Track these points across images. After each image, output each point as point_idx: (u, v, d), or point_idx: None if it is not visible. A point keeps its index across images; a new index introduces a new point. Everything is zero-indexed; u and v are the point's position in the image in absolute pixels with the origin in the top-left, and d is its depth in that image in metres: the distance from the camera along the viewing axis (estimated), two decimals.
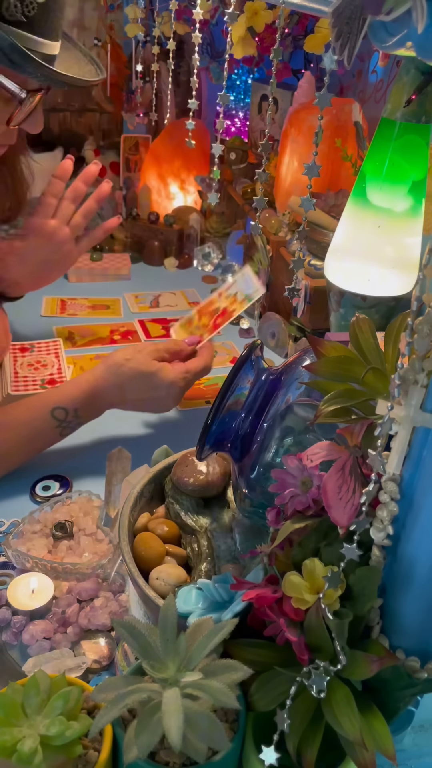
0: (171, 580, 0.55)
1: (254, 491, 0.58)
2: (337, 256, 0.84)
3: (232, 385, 0.57)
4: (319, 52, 1.02)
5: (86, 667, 0.63)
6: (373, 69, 1.24)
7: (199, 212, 1.54)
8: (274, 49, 0.46)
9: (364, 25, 0.33)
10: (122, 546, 0.57)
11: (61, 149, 1.64)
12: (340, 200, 1.05)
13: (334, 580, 0.42)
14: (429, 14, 0.30)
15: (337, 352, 0.49)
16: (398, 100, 0.73)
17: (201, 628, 0.46)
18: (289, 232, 1.17)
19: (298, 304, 1.06)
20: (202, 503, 0.64)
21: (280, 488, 0.49)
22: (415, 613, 0.45)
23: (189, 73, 1.58)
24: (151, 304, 1.34)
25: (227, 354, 1.19)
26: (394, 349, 0.48)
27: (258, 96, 1.49)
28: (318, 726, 0.43)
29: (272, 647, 0.46)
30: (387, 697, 0.45)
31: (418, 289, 0.36)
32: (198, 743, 0.41)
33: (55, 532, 0.74)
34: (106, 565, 0.71)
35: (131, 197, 1.58)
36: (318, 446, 0.47)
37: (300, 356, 0.59)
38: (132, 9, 1.36)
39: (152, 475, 0.65)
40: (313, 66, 1.38)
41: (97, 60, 0.88)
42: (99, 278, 1.40)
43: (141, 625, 0.45)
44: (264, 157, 0.52)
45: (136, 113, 1.63)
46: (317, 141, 0.42)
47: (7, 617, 0.67)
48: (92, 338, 1.21)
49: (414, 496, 0.42)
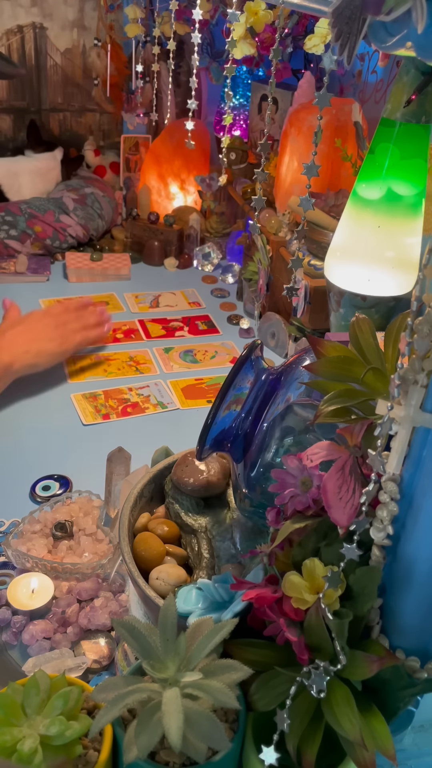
0: (171, 580, 0.55)
1: (254, 491, 0.58)
2: (337, 256, 0.84)
3: (232, 385, 0.57)
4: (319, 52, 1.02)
5: (86, 667, 0.63)
6: (373, 69, 1.24)
7: (199, 212, 1.54)
8: (273, 49, 0.46)
9: (364, 25, 0.33)
10: (122, 546, 0.57)
11: (61, 149, 1.64)
12: (340, 200, 1.05)
13: (334, 580, 0.42)
14: (429, 14, 0.30)
15: (337, 352, 0.49)
16: (398, 100, 0.73)
17: (201, 628, 0.46)
18: (289, 232, 1.17)
19: (298, 304, 1.06)
20: (202, 503, 0.64)
21: (280, 488, 0.49)
22: (415, 613, 0.45)
23: (189, 73, 1.58)
24: (151, 304, 1.34)
25: (227, 354, 1.19)
26: (394, 349, 0.48)
27: (258, 96, 1.49)
28: (318, 726, 0.43)
29: (272, 647, 0.46)
30: (387, 697, 0.45)
31: (418, 289, 0.36)
32: (198, 743, 0.41)
33: (55, 532, 0.74)
34: (106, 565, 0.71)
35: (131, 197, 1.58)
36: (318, 446, 0.47)
37: (300, 356, 0.59)
38: (132, 9, 1.36)
39: (152, 475, 0.65)
40: (313, 66, 1.38)
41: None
42: (99, 278, 1.40)
43: (141, 625, 0.45)
44: (263, 157, 0.53)
45: (136, 113, 1.63)
46: (316, 141, 0.42)
47: (7, 617, 0.67)
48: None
49: (414, 496, 0.42)
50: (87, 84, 1.68)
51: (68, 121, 1.72)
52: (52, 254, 1.46)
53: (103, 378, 1.10)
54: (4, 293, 1.25)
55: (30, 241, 1.42)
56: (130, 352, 1.17)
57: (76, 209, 1.48)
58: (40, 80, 1.65)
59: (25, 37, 1.59)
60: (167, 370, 1.14)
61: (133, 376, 1.11)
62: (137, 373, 1.12)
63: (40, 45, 1.61)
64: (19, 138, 1.67)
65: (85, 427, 0.98)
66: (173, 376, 1.12)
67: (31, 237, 1.43)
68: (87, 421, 0.99)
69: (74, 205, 1.48)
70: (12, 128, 1.66)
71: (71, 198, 1.49)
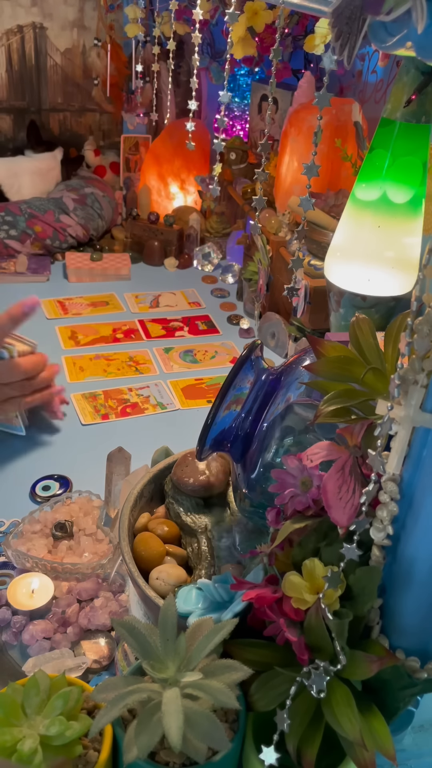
0: (171, 580, 0.55)
1: (254, 491, 0.58)
2: (337, 256, 0.84)
3: (232, 385, 0.57)
4: (319, 52, 1.02)
5: (86, 667, 0.63)
6: (373, 69, 1.24)
7: (199, 212, 1.54)
8: (274, 49, 0.46)
9: (364, 25, 0.33)
10: (122, 546, 0.57)
11: (61, 149, 1.64)
12: (340, 200, 1.05)
13: (334, 580, 0.42)
14: (429, 14, 0.30)
15: (337, 352, 0.49)
16: (398, 100, 0.73)
17: (201, 628, 0.46)
18: (289, 232, 1.17)
19: (298, 304, 1.06)
20: (202, 503, 0.64)
21: (280, 488, 0.49)
22: (415, 613, 0.45)
23: (189, 73, 1.58)
24: (151, 304, 1.34)
25: (227, 354, 1.19)
26: (394, 349, 0.48)
27: (258, 96, 1.49)
28: (318, 726, 0.43)
29: (272, 647, 0.46)
30: (387, 697, 0.45)
31: (418, 289, 0.36)
32: (198, 743, 0.41)
33: (55, 532, 0.74)
34: (106, 565, 0.71)
35: (131, 197, 1.58)
36: (318, 446, 0.47)
37: (300, 356, 0.59)
38: (132, 9, 1.36)
39: (152, 475, 0.65)
40: (313, 66, 1.38)
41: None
42: (99, 278, 1.40)
43: (141, 625, 0.45)
44: (264, 157, 0.53)
45: (136, 113, 1.63)
46: (316, 141, 0.42)
47: (7, 617, 0.67)
48: (95, 337, 1.21)
49: (414, 496, 0.42)
50: (87, 84, 1.68)
51: (68, 121, 1.72)
52: (52, 254, 1.46)
53: (102, 378, 1.10)
54: (4, 293, 1.25)
55: (30, 241, 1.43)
56: (130, 353, 1.17)
57: (76, 209, 1.48)
58: (40, 80, 1.65)
59: (25, 37, 1.59)
60: (167, 370, 1.14)
61: (133, 377, 1.11)
62: (137, 374, 1.12)
63: (40, 45, 1.61)
64: (19, 138, 1.67)
65: (84, 427, 0.98)
66: (173, 376, 1.12)
67: (31, 237, 1.43)
68: (86, 421, 0.99)
69: (74, 205, 1.48)
70: (12, 128, 1.66)
71: (71, 198, 1.50)
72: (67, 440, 0.95)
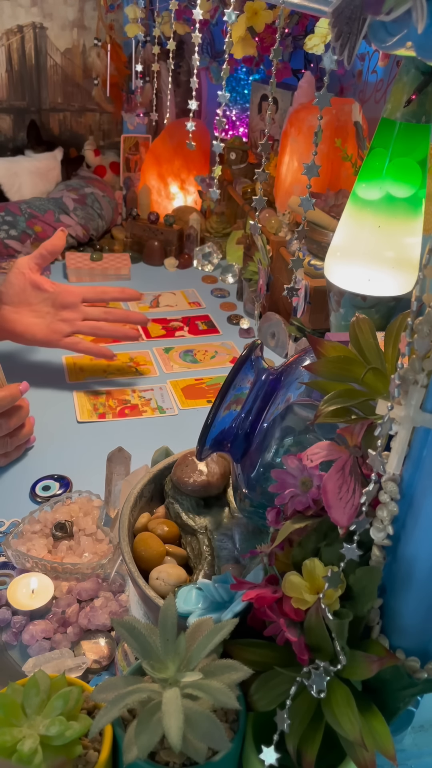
0: (171, 580, 0.55)
1: (254, 491, 0.58)
2: (337, 256, 0.84)
3: (232, 385, 0.57)
4: (319, 52, 1.02)
5: (86, 667, 0.63)
6: (373, 69, 1.24)
7: (199, 212, 1.54)
8: (274, 49, 0.46)
9: (364, 25, 0.33)
10: (122, 546, 0.57)
11: (61, 149, 1.64)
12: (340, 200, 1.05)
13: (334, 580, 0.42)
14: (429, 14, 0.30)
15: (337, 352, 0.49)
16: (398, 100, 0.73)
17: (201, 628, 0.46)
18: (289, 232, 1.17)
19: (298, 304, 1.06)
20: (202, 503, 0.64)
21: (280, 488, 0.49)
22: (415, 613, 0.45)
23: (189, 73, 1.58)
24: (151, 304, 1.34)
25: (227, 354, 1.19)
26: (394, 349, 0.48)
27: (258, 96, 1.49)
28: (318, 726, 0.43)
29: (272, 647, 0.46)
30: (387, 697, 0.45)
31: (418, 289, 0.36)
32: (198, 743, 0.41)
33: (55, 532, 0.74)
34: (106, 565, 0.71)
35: (131, 197, 1.58)
36: (318, 446, 0.47)
37: (300, 356, 0.59)
38: (132, 9, 1.36)
39: (152, 475, 0.65)
40: (313, 66, 1.38)
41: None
42: (99, 278, 1.40)
43: (141, 625, 0.45)
44: (264, 157, 0.52)
45: (136, 113, 1.63)
46: (317, 141, 0.42)
47: (7, 617, 0.67)
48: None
49: (414, 496, 0.42)
50: (87, 84, 1.68)
51: (68, 121, 1.72)
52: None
53: (102, 378, 1.10)
54: None
55: (30, 241, 1.42)
56: (130, 353, 1.17)
57: (76, 209, 1.48)
58: (40, 80, 1.65)
59: (25, 37, 1.59)
60: (167, 370, 1.13)
61: (137, 377, 1.11)
62: (137, 374, 1.12)
63: (40, 45, 1.61)
64: (19, 138, 1.67)
65: (83, 427, 0.98)
66: (173, 376, 1.12)
67: (31, 237, 1.43)
68: (81, 419, 0.99)
69: (74, 205, 1.49)
70: (12, 128, 1.66)
71: (71, 198, 1.50)
72: (67, 440, 0.95)
